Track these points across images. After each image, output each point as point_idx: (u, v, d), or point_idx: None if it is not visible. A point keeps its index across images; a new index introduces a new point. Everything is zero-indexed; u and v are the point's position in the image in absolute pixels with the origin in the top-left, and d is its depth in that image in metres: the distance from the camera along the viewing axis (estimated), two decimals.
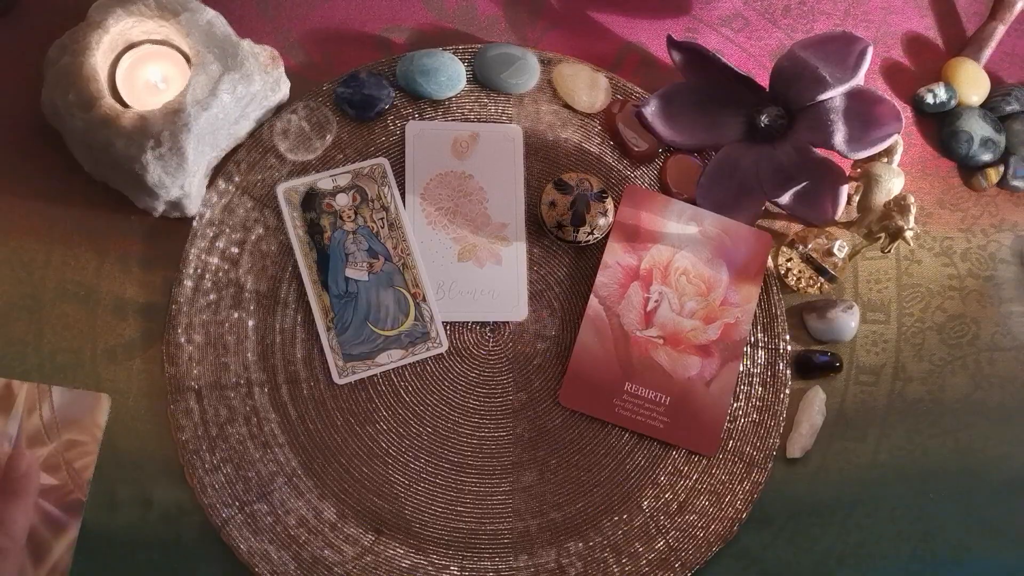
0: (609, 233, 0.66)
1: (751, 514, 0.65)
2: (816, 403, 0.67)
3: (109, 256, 0.64)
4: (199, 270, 0.64)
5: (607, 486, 0.64)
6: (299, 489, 0.62)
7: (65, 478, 0.60)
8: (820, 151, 0.65)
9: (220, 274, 0.64)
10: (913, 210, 0.62)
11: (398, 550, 0.62)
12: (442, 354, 0.65)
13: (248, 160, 0.66)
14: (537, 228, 0.67)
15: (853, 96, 0.65)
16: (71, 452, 0.60)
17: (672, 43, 0.67)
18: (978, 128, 0.71)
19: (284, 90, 0.66)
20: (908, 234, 0.62)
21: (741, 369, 0.66)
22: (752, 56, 0.73)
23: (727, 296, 0.66)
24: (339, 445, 0.63)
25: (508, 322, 0.66)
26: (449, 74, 0.67)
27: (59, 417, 0.61)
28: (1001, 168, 0.72)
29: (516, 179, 0.68)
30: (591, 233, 0.65)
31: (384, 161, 0.67)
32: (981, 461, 0.68)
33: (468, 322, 0.66)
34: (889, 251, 0.65)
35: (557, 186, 0.65)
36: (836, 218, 0.66)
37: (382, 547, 0.62)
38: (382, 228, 0.65)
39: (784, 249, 0.68)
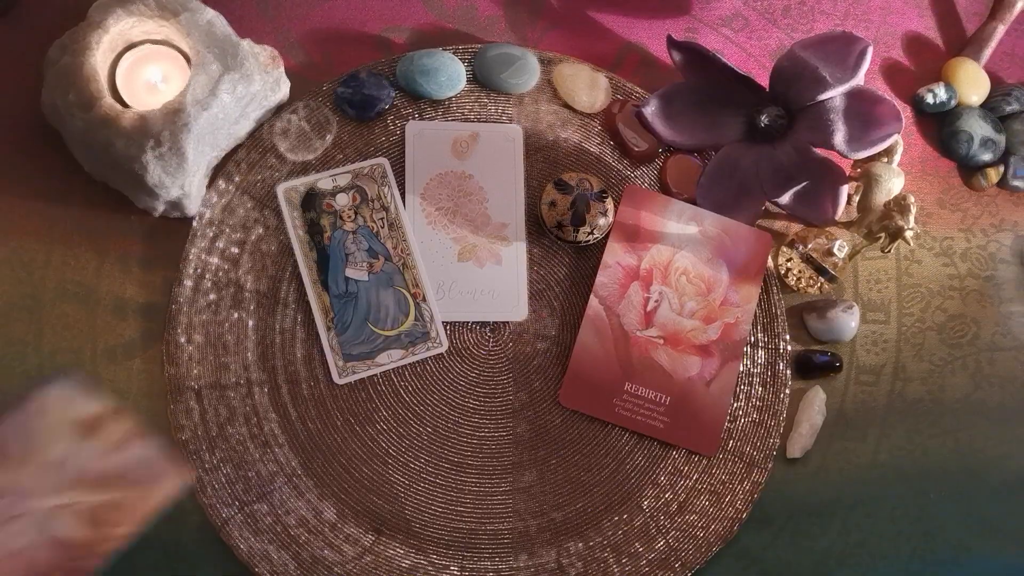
0: (609, 233, 0.66)
1: (751, 514, 0.65)
2: (816, 403, 0.67)
3: (109, 256, 0.64)
4: (199, 270, 0.64)
5: (607, 486, 0.64)
6: (299, 489, 0.62)
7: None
8: (820, 151, 0.65)
9: (220, 274, 0.64)
10: (913, 210, 0.62)
11: (398, 550, 0.62)
12: (442, 354, 0.65)
13: (248, 160, 0.66)
14: (537, 228, 0.67)
15: (853, 96, 0.65)
16: (112, 513, 0.55)
17: (672, 43, 0.67)
18: (978, 128, 0.71)
19: (284, 90, 0.66)
20: (908, 234, 0.62)
21: (741, 369, 0.66)
22: (752, 56, 0.73)
23: (727, 296, 0.66)
24: (339, 445, 0.63)
25: (508, 322, 0.66)
26: (449, 74, 0.67)
27: (129, 466, 0.55)
28: (1001, 168, 0.72)
29: (516, 179, 0.68)
30: (591, 233, 0.65)
31: (384, 161, 0.67)
32: (981, 461, 0.68)
33: (468, 322, 0.66)
34: (889, 251, 0.65)
35: (557, 186, 0.65)
36: (836, 218, 0.66)
37: (382, 547, 0.62)
38: (382, 228, 0.65)
39: (784, 249, 0.68)
